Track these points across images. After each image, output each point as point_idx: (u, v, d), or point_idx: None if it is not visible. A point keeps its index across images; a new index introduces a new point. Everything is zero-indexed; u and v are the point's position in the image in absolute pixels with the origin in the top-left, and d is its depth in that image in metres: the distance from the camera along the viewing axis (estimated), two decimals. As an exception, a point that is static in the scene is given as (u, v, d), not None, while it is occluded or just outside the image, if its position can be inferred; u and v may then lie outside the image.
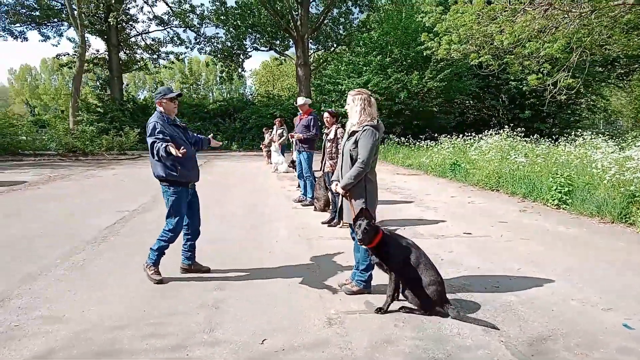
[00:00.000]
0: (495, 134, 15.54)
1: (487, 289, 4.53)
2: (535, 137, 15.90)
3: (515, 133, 15.32)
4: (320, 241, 6.43)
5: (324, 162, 7.60)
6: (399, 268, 3.95)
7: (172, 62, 40.06)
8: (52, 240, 6.32)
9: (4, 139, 21.26)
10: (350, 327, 3.66)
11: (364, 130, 4.15)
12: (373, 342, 3.39)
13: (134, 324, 3.66)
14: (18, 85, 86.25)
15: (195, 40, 36.66)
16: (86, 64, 34.97)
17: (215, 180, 13.52)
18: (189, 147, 4.65)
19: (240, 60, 38.69)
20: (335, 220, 7.36)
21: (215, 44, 36.70)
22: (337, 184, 4.34)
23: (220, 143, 5.35)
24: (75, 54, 29.60)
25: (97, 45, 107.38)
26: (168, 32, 36.90)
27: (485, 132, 16.24)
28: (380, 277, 4.32)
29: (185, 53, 39.15)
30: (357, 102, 4.25)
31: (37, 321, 3.71)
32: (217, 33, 37.20)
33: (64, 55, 34.43)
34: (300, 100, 9.22)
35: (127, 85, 40.47)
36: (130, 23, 35.26)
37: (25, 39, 32.62)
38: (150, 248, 4.73)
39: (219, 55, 37.53)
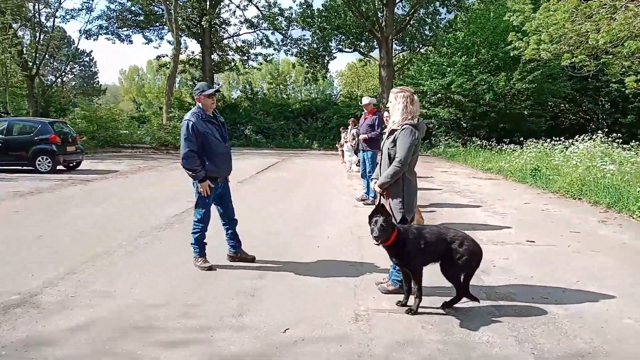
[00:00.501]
0: (589, 139, 14.44)
1: (534, 299, 4.27)
2: (637, 143, 14.51)
3: (611, 139, 14.11)
4: (370, 240, 6.38)
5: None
6: (420, 265, 3.85)
7: (261, 63, 41.54)
8: (123, 224, 6.89)
9: (106, 132, 23.44)
10: (375, 324, 3.64)
11: (403, 129, 4.09)
12: (394, 342, 3.35)
13: (172, 304, 3.92)
14: (127, 84, 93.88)
15: (282, 42, 37.78)
16: (182, 65, 37.52)
17: (289, 177, 13.89)
18: (223, 144, 4.93)
19: (325, 61, 39.31)
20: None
21: (301, 45, 37.57)
22: (375, 182, 4.31)
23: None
24: (171, 56, 31.77)
25: (192, 47, 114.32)
26: (257, 35, 38.40)
27: (577, 137, 15.15)
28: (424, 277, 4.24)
29: (273, 55, 40.46)
30: (399, 100, 4.20)
31: (90, 294, 4.10)
32: (304, 35, 38.13)
33: (163, 56, 37.17)
34: (365, 100, 9.20)
35: (220, 85, 42.45)
36: (222, 26, 37.16)
37: (131, 41, 35.66)
38: (191, 243, 5.01)
39: (305, 57, 38.36)
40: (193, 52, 37.43)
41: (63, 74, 57.83)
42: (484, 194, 10.89)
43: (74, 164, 14.17)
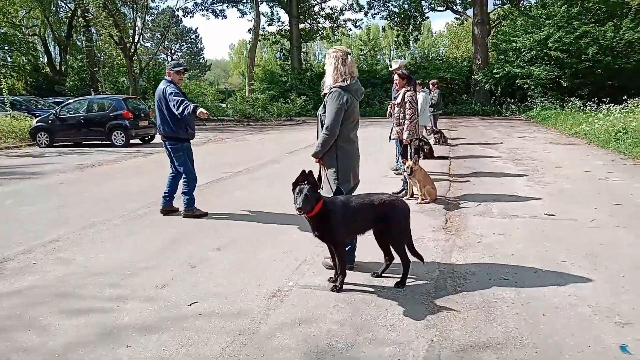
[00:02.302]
0: None
1: (491, 281, 3.82)
2: None
3: None
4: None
5: (391, 129, 7.10)
6: (343, 239, 3.65)
7: (350, 30, 40.87)
8: (143, 195, 7.33)
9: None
10: (288, 301, 3.52)
11: (330, 93, 3.81)
12: (290, 320, 3.22)
13: (111, 274, 4.12)
14: (236, 58, 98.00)
15: (369, 5, 36.66)
16: (273, 36, 38.24)
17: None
18: None
19: (417, 22, 37.52)
20: (403, 192, 6.91)
21: (390, 7, 36.20)
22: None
23: (207, 113, 5.64)
24: (260, 27, 32.50)
25: (284, 17, 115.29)
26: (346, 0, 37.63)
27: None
28: (371, 253, 4.03)
29: (361, 20, 39.54)
30: (330, 61, 3.89)
31: (52, 262, 4.47)
32: (393, -5, 36.54)
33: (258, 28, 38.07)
34: (395, 64, 8.63)
35: (307, 54, 42.59)
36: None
37: (225, 16, 37.01)
38: (183, 200, 5.97)
39: (394, 19, 37.00)
40: (283, 23, 37.84)
41: (172, 51, 62.23)
42: (544, 162, 9.83)
43: (148, 137, 15.31)
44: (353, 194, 3.92)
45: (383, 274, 3.94)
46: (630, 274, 3.88)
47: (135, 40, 27.36)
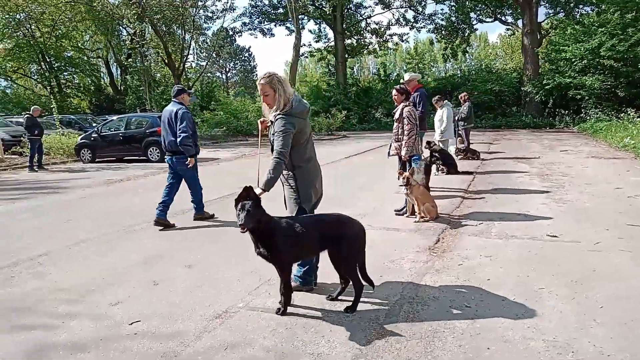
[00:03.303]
0: None
1: (450, 309, 3.56)
2: None
3: None
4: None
5: (390, 145, 6.86)
6: (288, 260, 3.52)
7: (396, 44, 40.51)
8: (149, 210, 7.42)
9: (238, 122, 25.46)
10: (229, 324, 3.43)
11: (277, 119, 3.73)
12: (218, 344, 3.13)
13: (73, 290, 4.18)
14: (291, 74, 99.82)
15: (414, 19, 36.27)
16: (319, 52, 38.66)
17: (362, 163, 13.49)
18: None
19: (466, 34, 36.71)
20: (404, 209, 6.66)
21: (436, 20, 35.67)
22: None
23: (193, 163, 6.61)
24: (300, 44, 32.87)
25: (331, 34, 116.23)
26: (393, 14, 37.52)
27: None
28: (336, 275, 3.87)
29: (407, 34, 39.20)
30: (275, 87, 3.75)
31: (28, 276, 4.67)
32: (442, 9, 35.99)
33: (304, 45, 38.64)
34: (407, 76, 8.42)
35: (352, 69, 42.65)
36: (355, 10, 37.14)
37: (272, 35, 37.82)
38: (194, 207, 6.78)
39: (442, 32, 36.40)
40: (329, 39, 38.15)
41: (225, 70, 64.37)
42: (576, 177, 9.20)
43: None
44: (305, 215, 3.78)
45: (339, 297, 3.77)
46: (609, 305, 3.49)
47: (184, 60, 28.46)
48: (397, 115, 6.59)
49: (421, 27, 36.88)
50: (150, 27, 27.41)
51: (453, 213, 6.75)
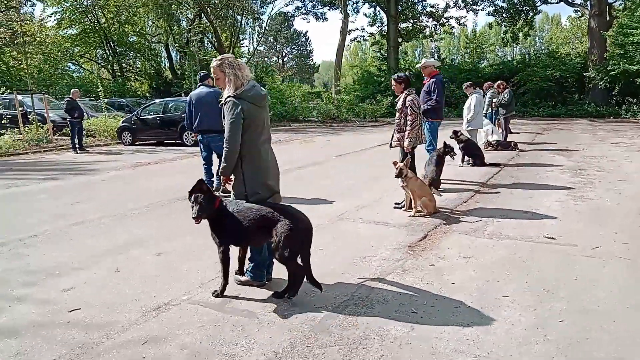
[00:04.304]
0: None
1: (395, 313, 3.36)
2: None
3: None
4: (351, 223, 5.75)
5: (392, 135, 6.54)
6: (226, 243, 3.63)
7: (453, 27, 38.96)
8: (159, 194, 7.67)
9: (283, 107, 25.56)
10: (162, 317, 3.39)
11: (225, 104, 3.62)
12: (139, 337, 3.09)
13: (39, 273, 4.29)
14: (352, 59, 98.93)
15: (473, 1, 34.61)
16: (373, 37, 37.90)
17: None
18: None
19: (529, 17, 34.67)
20: (402, 203, 6.39)
21: (496, 2, 33.87)
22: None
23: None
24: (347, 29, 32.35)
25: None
26: (450, -5, 35.97)
27: None
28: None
29: (465, 17, 37.54)
30: (226, 70, 3.66)
31: (8, 257, 4.92)
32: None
33: (354, 30, 38.04)
34: (423, 61, 7.98)
35: (407, 53, 41.51)
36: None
37: (326, 19, 37.52)
38: (210, 179, 7.56)
39: (503, 14, 34.59)
40: (383, 23, 37.25)
41: (282, 54, 64.77)
42: (612, 173, 8.47)
43: (218, 137, 16.02)
44: (255, 204, 3.68)
45: (285, 295, 3.66)
46: (570, 319, 3.16)
47: (236, 44, 28.87)
48: (399, 105, 6.29)
49: (479, 10, 35.19)
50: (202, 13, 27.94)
51: (457, 208, 6.41)
